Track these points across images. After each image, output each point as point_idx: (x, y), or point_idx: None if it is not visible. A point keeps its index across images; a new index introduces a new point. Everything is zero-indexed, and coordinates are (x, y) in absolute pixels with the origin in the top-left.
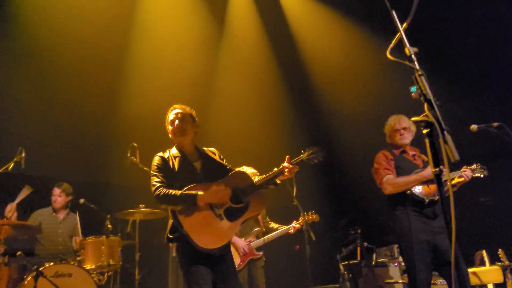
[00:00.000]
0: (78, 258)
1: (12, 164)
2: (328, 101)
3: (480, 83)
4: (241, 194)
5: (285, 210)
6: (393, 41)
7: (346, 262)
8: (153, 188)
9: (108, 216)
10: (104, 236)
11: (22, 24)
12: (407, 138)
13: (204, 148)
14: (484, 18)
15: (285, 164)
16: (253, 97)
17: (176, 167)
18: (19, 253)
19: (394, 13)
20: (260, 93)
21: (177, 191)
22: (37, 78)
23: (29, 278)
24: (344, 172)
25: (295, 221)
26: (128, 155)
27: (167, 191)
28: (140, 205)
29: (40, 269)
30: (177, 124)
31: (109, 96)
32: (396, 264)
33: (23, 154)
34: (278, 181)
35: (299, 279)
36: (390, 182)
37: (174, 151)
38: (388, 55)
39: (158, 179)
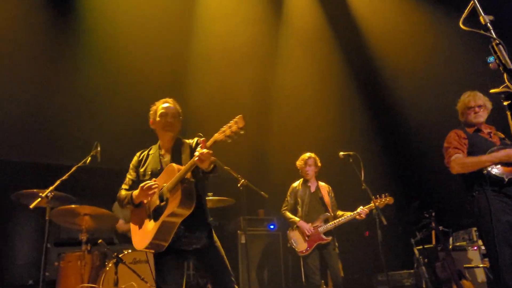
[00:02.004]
0: None
1: (89, 158)
2: (394, 80)
3: None
4: (165, 191)
5: (354, 195)
6: (466, 10)
7: (421, 247)
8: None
9: None
10: None
11: (94, 27)
12: (482, 116)
13: (186, 141)
14: None
15: (198, 149)
16: (315, 81)
17: (145, 166)
18: (100, 241)
19: None
20: (322, 77)
21: (126, 193)
22: (109, 76)
23: (110, 265)
24: (416, 153)
25: (361, 207)
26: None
27: (119, 195)
28: (209, 193)
29: (120, 256)
30: (169, 119)
31: (174, 89)
32: (475, 248)
33: (99, 148)
34: (209, 168)
35: (372, 264)
36: (458, 161)
37: (152, 148)
38: (461, 25)
39: (125, 180)
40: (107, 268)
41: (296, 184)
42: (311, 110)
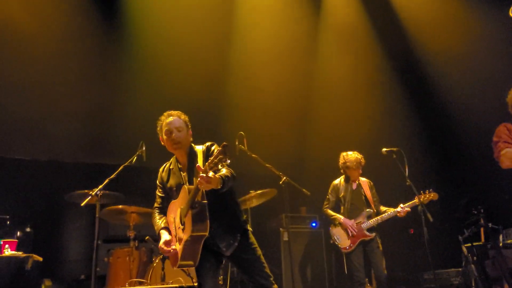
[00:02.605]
0: None
1: (135, 158)
2: (439, 72)
3: None
4: (182, 216)
5: (398, 191)
6: None
7: (470, 244)
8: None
9: None
10: None
11: (137, 31)
12: None
13: (198, 151)
14: None
15: (199, 176)
16: (355, 76)
17: (170, 181)
18: (147, 238)
19: None
20: (362, 72)
21: (157, 219)
22: (153, 77)
23: (157, 261)
24: (462, 148)
25: (401, 204)
26: (236, 143)
27: (153, 218)
28: (251, 191)
29: None
30: (174, 135)
31: (215, 89)
32: None
33: (144, 148)
34: (217, 186)
35: (419, 262)
36: (508, 155)
37: (171, 162)
38: (511, 14)
39: (156, 197)
40: (154, 264)
41: (337, 181)
42: (351, 106)
